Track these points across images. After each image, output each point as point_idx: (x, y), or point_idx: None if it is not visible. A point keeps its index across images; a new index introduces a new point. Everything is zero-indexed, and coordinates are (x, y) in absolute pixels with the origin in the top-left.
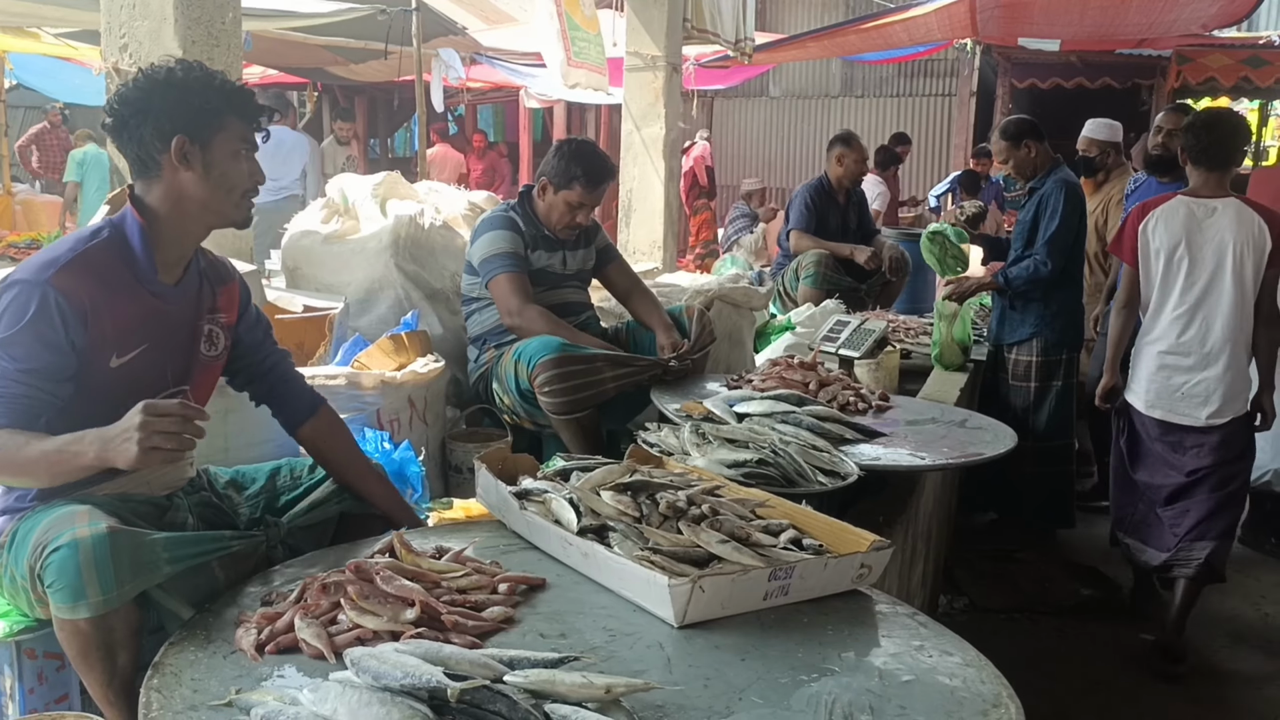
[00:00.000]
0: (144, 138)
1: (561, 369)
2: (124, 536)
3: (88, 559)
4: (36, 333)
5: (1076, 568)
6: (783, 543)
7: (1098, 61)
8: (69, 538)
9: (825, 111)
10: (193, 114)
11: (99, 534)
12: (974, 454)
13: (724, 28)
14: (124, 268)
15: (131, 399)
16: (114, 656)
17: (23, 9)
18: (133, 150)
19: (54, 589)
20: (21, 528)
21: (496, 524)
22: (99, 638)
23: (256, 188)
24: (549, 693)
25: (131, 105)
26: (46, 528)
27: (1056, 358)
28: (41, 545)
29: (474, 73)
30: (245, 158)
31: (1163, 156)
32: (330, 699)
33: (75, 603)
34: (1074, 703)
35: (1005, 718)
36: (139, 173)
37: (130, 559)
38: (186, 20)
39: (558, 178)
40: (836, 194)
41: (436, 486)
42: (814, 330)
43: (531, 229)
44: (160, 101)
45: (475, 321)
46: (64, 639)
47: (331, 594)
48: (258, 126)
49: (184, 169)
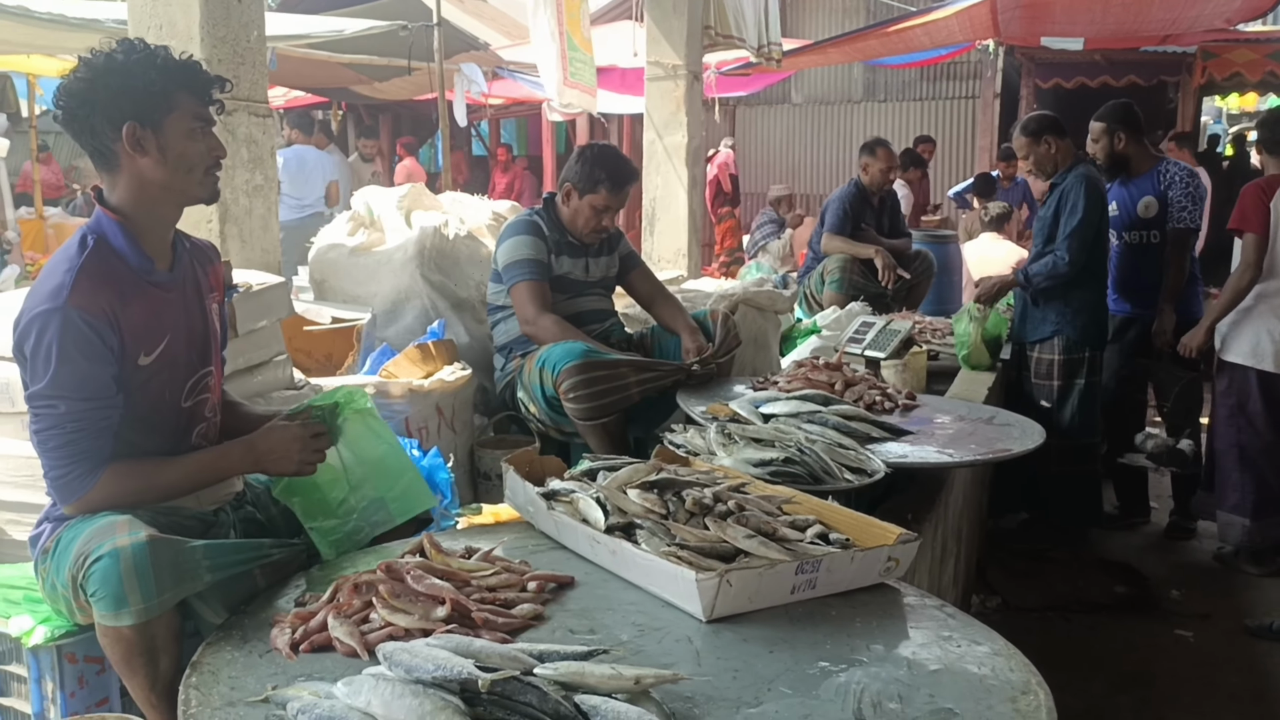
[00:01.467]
0: (95, 128)
1: (586, 375)
2: (163, 545)
3: (129, 568)
4: (80, 356)
5: (1110, 565)
6: (809, 537)
7: (1122, 59)
8: (110, 547)
9: (848, 117)
10: (139, 97)
11: (139, 543)
12: (1002, 450)
13: (747, 32)
14: (123, 268)
15: (163, 391)
16: (156, 661)
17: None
18: (88, 142)
19: (96, 598)
20: (64, 537)
21: (525, 526)
22: (142, 644)
23: (219, 162)
24: (579, 684)
25: (78, 97)
26: (88, 538)
27: (1079, 355)
28: (83, 555)
29: (496, 87)
30: (202, 134)
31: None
32: (364, 692)
33: (118, 611)
34: (1109, 700)
35: (1035, 704)
36: (100, 165)
37: (171, 567)
38: (212, 39)
39: (582, 182)
40: (871, 197)
41: (465, 493)
42: (839, 333)
43: (555, 235)
44: (104, 90)
45: (501, 330)
46: (107, 645)
47: (363, 593)
48: (209, 100)
49: (140, 155)
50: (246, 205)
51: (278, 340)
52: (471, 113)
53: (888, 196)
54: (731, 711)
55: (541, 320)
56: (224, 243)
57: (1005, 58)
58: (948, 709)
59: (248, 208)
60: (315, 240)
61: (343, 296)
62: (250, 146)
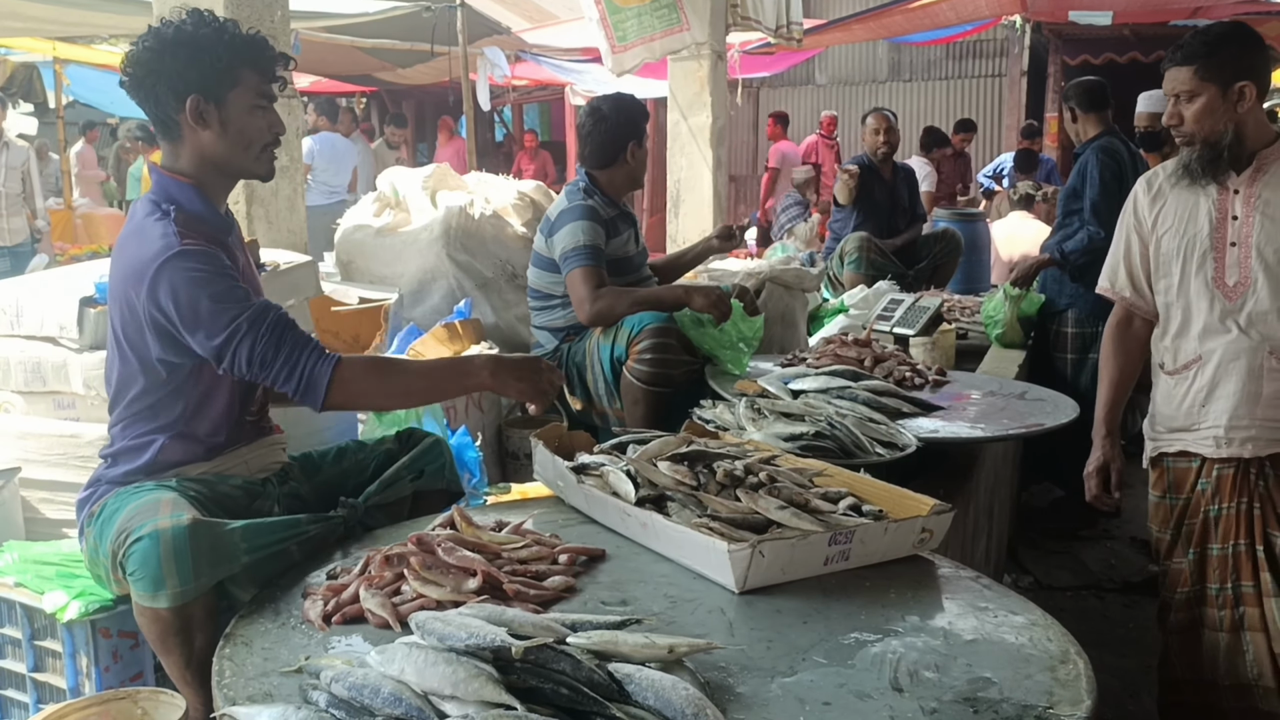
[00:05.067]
0: (159, 97)
1: (666, 338)
2: (204, 528)
3: (168, 551)
4: (220, 276)
5: (1144, 544)
6: (842, 509)
7: (1151, 35)
8: (151, 528)
9: (873, 97)
10: (205, 71)
11: (180, 526)
12: (1034, 425)
13: (765, 14)
14: (205, 228)
15: None
16: (191, 640)
17: (77, 18)
18: (152, 110)
19: (135, 578)
20: (109, 505)
21: (554, 501)
22: (177, 624)
23: (278, 139)
24: (612, 653)
25: (145, 66)
26: (131, 513)
27: (1092, 329)
28: (125, 532)
29: (519, 70)
30: (263, 111)
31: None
32: (397, 660)
33: (155, 593)
34: (1144, 678)
35: (1074, 673)
36: (162, 134)
37: (210, 551)
38: (236, 19)
39: (638, 134)
40: (880, 169)
41: (494, 473)
42: (867, 311)
43: (608, 211)
44: (171, 61)
45: (560, 315)
46: (144, 624)
47: (395, 565)
48: (273, 77)
49: (201, 128)
50: (273, 186)
51: (306, 319)
52: (494, 97)
53: (901, 171)
54: (766, 680)
55: (602, 298)
56: (251, 223)
57: (1033, 35)
58: (985, 678)
59: (274, 188)
60: (340, 222)
61: (369, 277)
62: None
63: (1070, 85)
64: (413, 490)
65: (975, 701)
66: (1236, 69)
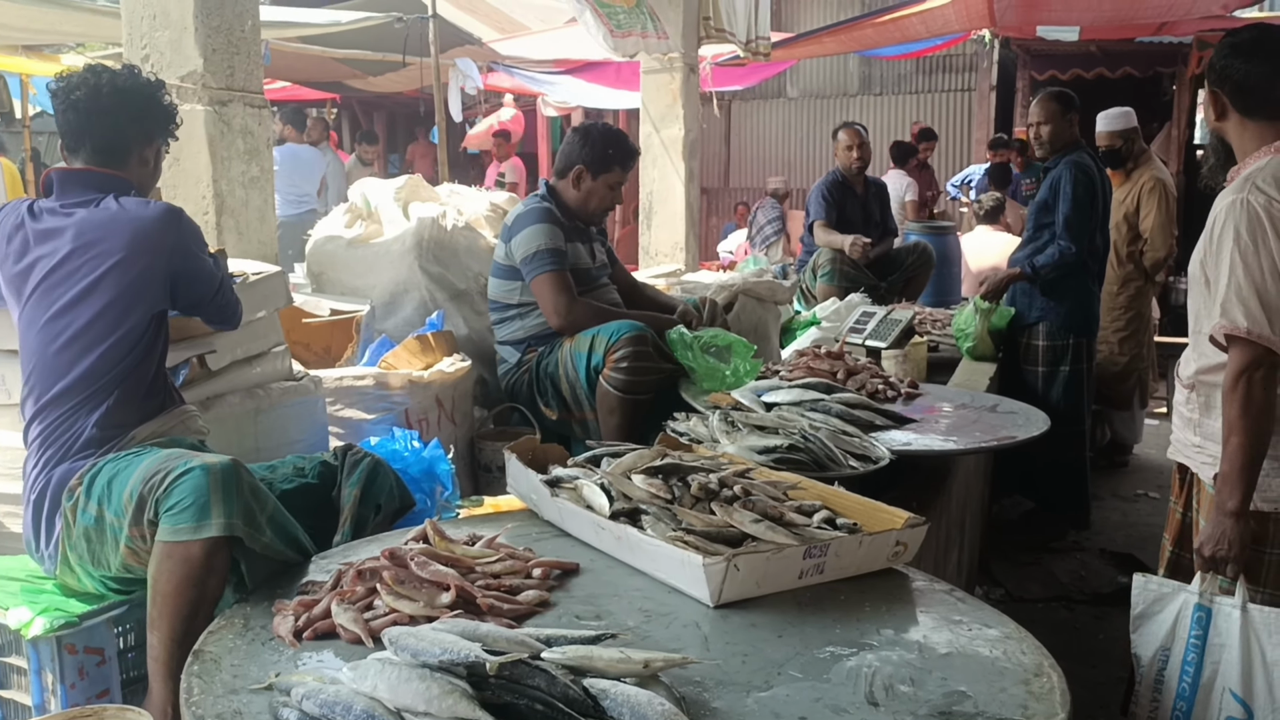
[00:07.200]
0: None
1: (643, 346)
2: (245, 469)
3: (216, 481)
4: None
5: (1113, 556)
6: (816, 522)
7: (1117, 51)
8: (198, 463)
9: (844, 111)
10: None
11: (226, 462)
12: (1007, 437)
13: (737, 27)
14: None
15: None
16: (200, 601)
17: (44, 24)
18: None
19: (178, 509)
20: (105, 469)
21: (528, 514)
22: (202, 569)
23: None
24: (587, 668)
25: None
26: (160, 461)
27: (1063, 342)
28: (163, 472)
29: (491, 81)
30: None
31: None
32: (370, 676)
33: (200, 522)
34: (1114, 690)
35: (1048, 686)
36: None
37: (251, 491)
38: (206, 29)
39: (595, 163)
40: (853, 184)
41: (466, 485)
42: (839, 324)
43: (566, 220)
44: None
45: (516, 326)
46: (168, 568)
47: (367, 580)
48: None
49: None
50: (243, 197)
51: (276, 331)
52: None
53: (873, 186)
54: (742, 695)
55: (576, 308)
56: (221, 234)
57: (1001, 50)
58: (960, 691)
59: (244, 199)
60: (312, 233)
61: (341, 288)
62: (246, 138)
63: (1064, 93)
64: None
65: (950, 715)
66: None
